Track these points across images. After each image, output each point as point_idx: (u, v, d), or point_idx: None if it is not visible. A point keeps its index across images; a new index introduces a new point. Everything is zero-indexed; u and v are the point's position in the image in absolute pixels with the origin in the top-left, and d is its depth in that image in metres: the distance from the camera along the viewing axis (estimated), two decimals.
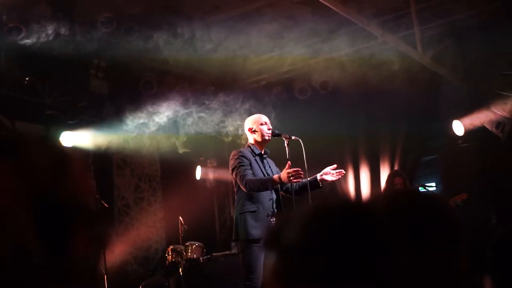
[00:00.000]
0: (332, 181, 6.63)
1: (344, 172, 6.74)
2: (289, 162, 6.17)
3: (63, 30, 8.62)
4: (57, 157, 1.14)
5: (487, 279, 2.14)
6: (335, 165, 6.56)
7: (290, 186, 6.48)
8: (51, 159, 1.13)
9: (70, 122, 10.14)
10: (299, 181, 6.23)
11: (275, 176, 6.13)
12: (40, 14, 8.76)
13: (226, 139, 10.98)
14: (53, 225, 1.07)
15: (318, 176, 6.50)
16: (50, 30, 8.52)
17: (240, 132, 10.19)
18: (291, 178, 6.01)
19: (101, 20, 8.98)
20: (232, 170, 6.38)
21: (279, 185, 6.43)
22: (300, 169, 6.07)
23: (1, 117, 5.01)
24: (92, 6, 9.00)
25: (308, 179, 6.50)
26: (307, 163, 6.45)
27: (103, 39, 9.05)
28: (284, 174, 6.05)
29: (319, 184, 6.50)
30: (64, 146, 1.17)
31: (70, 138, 9.80)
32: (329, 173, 6.48)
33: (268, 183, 6.15)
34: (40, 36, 8.54)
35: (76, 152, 1.17)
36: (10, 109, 9.17)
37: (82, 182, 1.15)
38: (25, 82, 9.40)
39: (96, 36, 9.02)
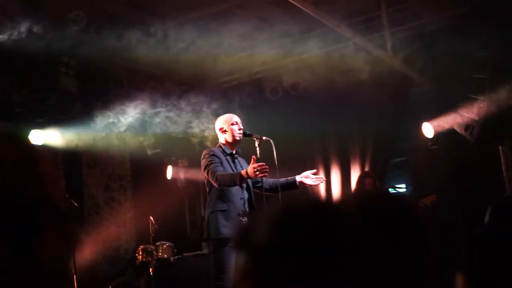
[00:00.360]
0: (311, 185, 6.69)
1: (325, 179, 6.81)
2: (253, 157, 6.17)
3: (33, 27, 8.52)
4: (25, 154, 1.13)
5: (459, 277, 2.17)
6: (315, 170, 6.66)
7: (261, 182, 6.51)
8: (19, 157, 1.11)
9: (39, 120, 10.02)
10: (265, 176, 6.22)
11: (243, 171, 6.13)
12: (9, 10, 8.66)
13: (194, 140, 10.95)
14: (20, 223, 1.06)
15: (298, 178, 6.56)
16: (19, 26, 8.42)
17: (206, 133, 10.20)
18: (257, 173, 6.02)
19: (72, 18, 8.89)
20: (204, 169, 6.37)
21: (251, 184, 6.45)
22: (265, 164, 6.08)
23: None
24: (63, 3, 8.91)
25: (287, 179, 6.56)
26: (278, 164, 6.48)
27: (74, 37, 8.96)
28: (250, 169, 6.06)
29: (296, 185, 6.55)
30: (32, 144, 1.16)
31: (39, 137, 9.70)
32: (309, 177, 6.55)
33: (236, 178, 6.15)
34: (10, 32, 8.44)
35: (45, 150, 1.15)
36: None
37: (50, 180, 1.14)
38: None
39: (67, 34, 8.93)
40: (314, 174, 6.65)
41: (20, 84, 9.69)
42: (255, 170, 5.99)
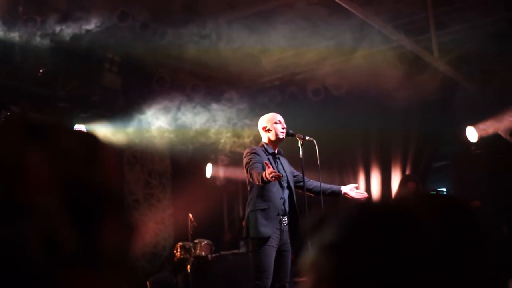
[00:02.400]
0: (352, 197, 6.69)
1: (367, 194, 6.85)
2: (265, 162, 6.11)
3: (79, 23, 8.62)
4: (89, 144, 1.12)
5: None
6: (357, 185, 6.68)
7: (303, 182, 6.50)
8: (83, 146, 1.11)
9: (83, 115, 10.14)
10: (279, 179, 6.14)
11: (263, 174, 6.06)
12: (56, 8, 8.78)
13: (234, 138, 10.96)
14: (84, 213, 1.06)
15: (343, 188, 6.58)
16: (66, 23, 8.53)
17: (247, 132, 10.20)
18: (271, 176, 5.96)
19: (117, 15, 8.98)
20: (245, 166, 6.37)
21: (292, 183, 6.45)
22: (277, 172, 5.99)
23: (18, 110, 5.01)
24: (109, 1, 9.01)
25: (332, 186, 6.60)
26: (320, 164, 6.47)
27: (119, 34, 9.05)
28: (266, 173, 6.00)
29: (340, 195, 6.60)
30: (95, 134, 1.15)
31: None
32: (353, 190, 6.59)
33: (259, 177, 6.09)
34: (56, 29, 8.55)
35: (110, 143, 1.14)
36: (23, 101, 9.17)
37: (114, 170, 1.14)
38: (39, 74, 9.40)
39: (112, 31, 9.03)
40: (356, 188, 6.70)
41: (65, 79, 9.81)
42: (269, 174, 5.94)
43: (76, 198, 1.05)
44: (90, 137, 1.14)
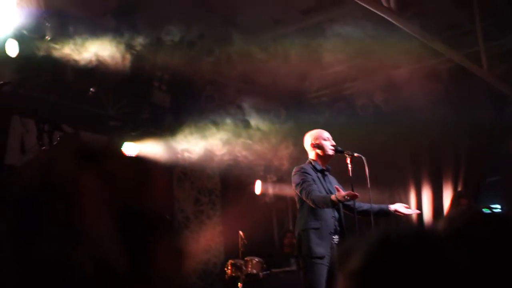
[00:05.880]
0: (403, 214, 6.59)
1: (419, 211, 6.72)
2: (336, 186, 6.11)
3: (128, 42, 8.75)
4: (140, 167, 1.14)
5: None
6: (407, 206, 6.57)
7: (353, 204, 6.41)
8: (134, 169, 1.13)
9: (132, 133, 10.26)
10: (355, 198, 6.15)
11: (333, 196, 6.05)
12: (104, 27, 8.93)
13: (283, 155, 10.95)
14: (136, 235, 1.07)
15: (392, 207, 6.48)
16: (115, 41, 8.67)
17: (294, 149, 10.18)
18: (346, 197, 5.96)
19: (164, 33, 9.09)
20: (296, 186, 6.34)
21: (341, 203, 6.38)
22: (354, 193, 5.99)
23: (70, 129, 5.10)
24: (156, 19, 9.12)
25: (380, 206, 6.54)
26: (370, 182, 6.39)
27: (167, 52, 9.16)
28: (340, 196, 5.99)
29: (389, 214, 6.48)
30: (146, 157, 1.17)
31: (132, 149, 9.91)
32: (402, 207, 6.48)
33: (328, 202, 6.08)
34: (106, 47, 8.69)
35: (158, 163, 1.16)
36: (74, 119, 9.32)
37: (164, 192, 1.15)
38: (90, 93, 9.55)
39: (160, 49, 9.14)
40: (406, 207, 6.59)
41: (115, 98, 9.96)
42: (344, 196, 5.93)
43: (128, 221, 1.06)
44: (140, 160, 1.15)
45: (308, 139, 6.72)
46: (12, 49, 8.10)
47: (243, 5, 9.14)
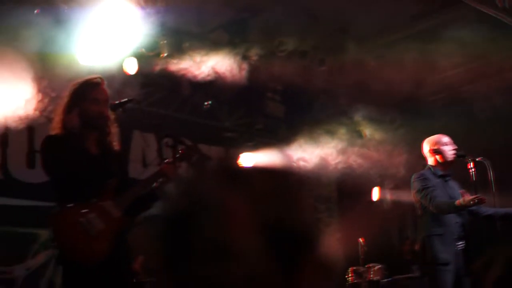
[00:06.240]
0: None
1: None
2: (461, 191, 5.96)
3: (243, 55, 8.88)
4: (285, 184, 1.16)
5: None
6: None
7: (477, 209, 6.22)
8: (280, 186, 1.15)
9: (248, 144, 10.40)
10: (482, 203, 5.99)
11: (457, 202, 5.92)
12: (218, 41, 9.11)
13: (399, 161, 10.77)
14: (285, 250, 1.09)
15: None
16: (230, 55, 8.83)
17: (410, 154, 10.00)
18: (472, 202, 5.81)
19: (277, 44, 9.18)
20: (417, 193, 6.24)
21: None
22: (482, 196, 5.84)
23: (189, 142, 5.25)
24: (268, 31, 9.22)
25: (507, 210, 6.26)
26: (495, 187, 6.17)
27: (280, 63, 9.23)
28: (465, 200, 5.84)
29: None
30: (290, 172, 1.20)
31: (249, 160, 10.03)
32: None
33: (452, 208, 5.96)
34: (220, 61, 8.86)
35: (300, 179, 1.18)
36: (192, 132, 9.55)
37: (308, 208, 1.17)
38: (206, 106, 9.76)
39: (273, 60, 9.23)
40: None
41: (230, 110, 10.14)
42: (471, 201, 5.79)
43: (275, 237, 1.09)
44: (282, 175, 1.18)
45: (427, 145, 6.59)
46: (132, 67, 8.40)
47: (354, 14, 9.10)
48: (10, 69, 7.18)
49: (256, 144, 10.48)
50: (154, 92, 9.61)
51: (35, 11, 7.34)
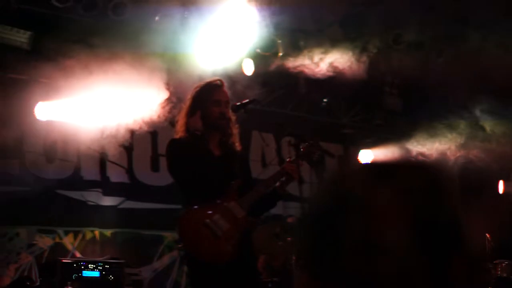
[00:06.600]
0: None
1: None
2: None
3: (360, 50, 8.80)
4: (433, 179, 1.15)
5: None
6: None
7: None
8: (428, 181, 1.13)
9: (367, 140, 10.29)
10: None
11: None
12: (333, 37, 9.04)
13: None
14: (434, 246, 1.08)
15: None
16: (346, 51, 8.76)
17: None
18: None
19: (392, 38, 9.02)
20: None
21: None
22: None
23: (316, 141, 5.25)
24: (384, 24, 9.07)
25: None
26: None
27: (397, 56, 9.07)
28: None
29: None
30: (438, 168, 1.18)
31: (368, 157, 9.94)
32: None
33: None
34: (337, 58, 8.80)
35: (449, 175, 1.16)
36: (311, 130, 9.54)
37: (458, 205, 1.15)
38: (323, 103, 9.74)
39: (388, 53, 9.08)
40: None
41: (347, 106, 10.07)
42: None
43: (425, 234, 1.07)
44: (433, 171, 1.16)
45: None
46: (248, 68, 8.51)
47: (474, 1, 8.83)
48: (136, 74, 7.42)
49: (375, 140, 10.35)
50: (271, 92, 9.68)
51: (156, 18, 7.54)
